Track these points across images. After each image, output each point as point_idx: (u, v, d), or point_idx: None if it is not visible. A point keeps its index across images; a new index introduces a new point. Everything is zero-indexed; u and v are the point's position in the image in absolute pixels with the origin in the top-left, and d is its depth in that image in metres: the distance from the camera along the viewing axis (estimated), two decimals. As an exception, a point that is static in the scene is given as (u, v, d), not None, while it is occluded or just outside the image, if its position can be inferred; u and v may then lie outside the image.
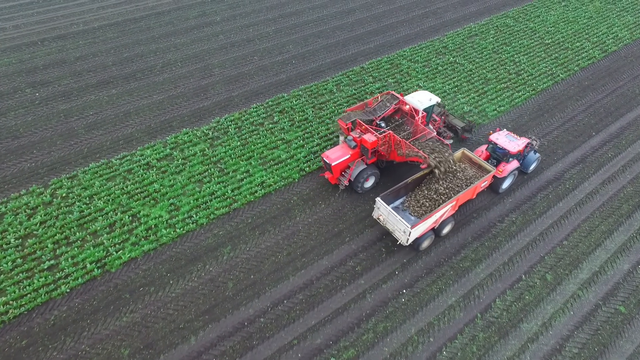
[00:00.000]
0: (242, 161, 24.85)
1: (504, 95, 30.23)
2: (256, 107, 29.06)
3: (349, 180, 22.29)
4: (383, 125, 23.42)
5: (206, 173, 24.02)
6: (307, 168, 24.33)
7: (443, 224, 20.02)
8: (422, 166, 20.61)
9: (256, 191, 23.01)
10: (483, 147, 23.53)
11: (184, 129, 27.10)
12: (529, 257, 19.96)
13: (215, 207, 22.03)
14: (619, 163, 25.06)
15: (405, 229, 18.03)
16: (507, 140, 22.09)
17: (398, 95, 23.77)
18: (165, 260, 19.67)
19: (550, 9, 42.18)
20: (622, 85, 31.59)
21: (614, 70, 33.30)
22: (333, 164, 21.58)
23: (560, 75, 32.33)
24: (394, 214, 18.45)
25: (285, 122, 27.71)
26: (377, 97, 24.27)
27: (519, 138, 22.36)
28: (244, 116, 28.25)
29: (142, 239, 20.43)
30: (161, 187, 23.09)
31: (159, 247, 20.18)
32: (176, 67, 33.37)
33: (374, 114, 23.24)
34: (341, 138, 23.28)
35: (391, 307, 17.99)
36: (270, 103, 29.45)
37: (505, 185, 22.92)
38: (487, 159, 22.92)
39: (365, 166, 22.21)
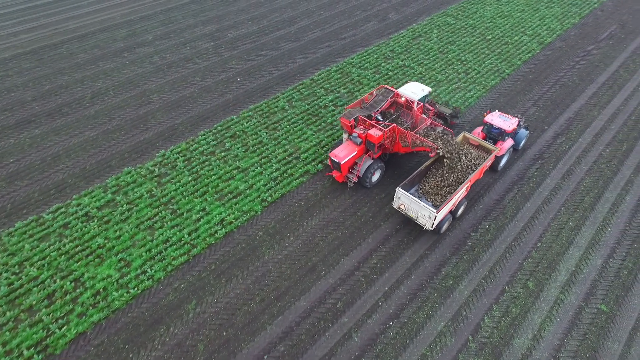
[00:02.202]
0: (196, 198, 22.58)
1: (456, 96, 30.15)
2: (204, 134, 26.76)
3: (358, 177, 22.48)
4: (381, 119, 23.88)
5: (157, 217, 21.51)
6: (269, 197, 22.56)
7: (459, 206, 20.94)
8: (431, 154, 21.27)
9: (216, 231, 20.90)
10: (479, 129, 24.73)
11: (126, 168, 24.26)
12: (509, 266, 19.59)
13: (172, 257, 19.67)
14: (573, 155, 25.61)
15: (431, 214, 18.77)
16: (502, 120, 23.57)
17: (392, 89, 24.29)
18: (120, 330, 17.10)
19: (485, 4, 43.21)
20: (563, 76, 32.69)
21: (552, 61, 34.45)
22: (342, 162, 21.72)
23: (506, 70, 32.88)
24: (417, 201, 19.10)
25: (238, 148, 25.69)
26: (372, 93, 24.62)
27: (511, 117, 23.89)
28: (191, 146, 25.86)
29: (90, 308, 17.68)
30: (106, 241, 20.31)
31: (112, 315, 17.54)
32: (108, 97, 30.15)
33: (372, 109, 23.58)
34: (345, 136, 23.45)
35: (380, 344, 16.76)
36: (219, 128, 27.25)
37: (503, 162, 23.98)
38: (483, 139, 23.70)
39: (372, 161, 22.38)
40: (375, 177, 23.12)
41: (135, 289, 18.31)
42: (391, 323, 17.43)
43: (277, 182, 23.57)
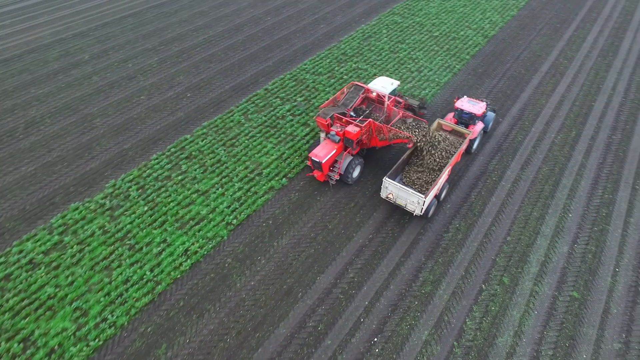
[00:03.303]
0: (155, 229, 20.99)
1: (412, 95, 30.24)
2: (157, 158, 25.05)
3: (340, 174, 22.71)
4: (355, 115, 24.05)
5: (113, 256, 19.74)
6: (235, 220, 21.40)
7: (442, 189, 21.95)
8: (409, 145, 21.93)
9: (181, 263, 19.49)
10: (450, 115, 25.94)
11: (72, 204, 22.18)
12: (483, 264, 19.70)
13: (134, 298, 18.07)
14: (529, 145, 26.40)
15: (419, 200, 19.66)
16: (471, 105, 24.79)
17: (363, 85, 24.78)
18: (83, 389, 15.43)
19: (429, 1, 43.99)
20: (509, 68, 33.80)
21: (498, 54, 35.55)
22: (324, 161, 21.73)
23: (457, 66, 33.50)
24: (405, 189, 19.93)
25: (195, 170, 24.25)
26: (344, 90, 24.85)
27: (479, 101, 25.18)
28: (144, 172, 24.11)
29: (45, 369, 15.82)
30: (57, 290, 18.34)
31: (71, 374, 15.79)
32: (45, 125, 27.58)
33: (345, 106, 23.78)
34: (322, 135, 23.55)
35: (367, 363, 16.21)
36: (172, 149, 25.63)
37: (475, 145, 25.19)
38: (455, 124, 24.16)
39: (352, 157, 22.67)
40: (356, 173, 23.32)
41: (96, 340, 16.61)
42: (375, 339, 16.94)
43: (241, 202, 22.44)
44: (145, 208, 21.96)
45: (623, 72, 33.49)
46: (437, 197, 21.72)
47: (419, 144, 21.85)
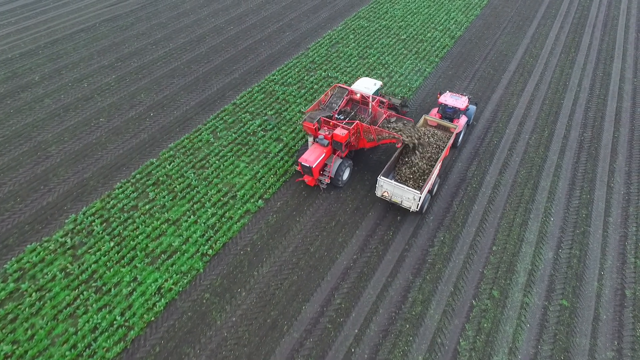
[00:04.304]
0: (124, 267, 19.37)
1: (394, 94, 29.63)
2: (121, 186, 23.31)
3: (330, 177, 22.65)
4: (342, 117, 24.13)
5: (78, 301, 18.02)
6: (210, 250, 20.05)
7: (434, 184, 22.34)
8: (398, 145, 22.30)
9: (154, 304, 18.01)
10: (434, 110, 26.20)
11: (29, 245, 20.20)
12: (471, 277, 19.24)
13: (104, 348, 16.48)
14: (505, 147, 26.30)
15: (415, 196, 19.98)
16: (454, 100, 25.23)
17: (346, 87, 24.72)
18: None
19: (394, 3, 43.69)
20: (479, 68, 33.82)
21: (466, 54, 35.56)
22: (314, 166, 21.57)
23: (427, 69, 33.21)
24: (400, 186, 20.22)
25: (164, 197, 22.69)
26: (327, 93, 24.78)
27: (461, 96, 25.70)
28: (108, 203, 22.34)
29: None
30: (15, 347, 16.49)
31: None
32: (-8, 158, 25.22)
33: (331, 109, 23.77)
34: (310, 140, 23.28)
35: (362, 398, 15.36)
36: (138, 176, 23.92)
37: (460, 138, 25.77)
38: (440, 119, 24.75)
39: (341, 160, 22.66)
40: (346, 175, 23.20)
41: (63, 402, 14.99)
42: (369, 370, 16.11)
43: (215, 229, 21.10)
44: (112, 244, 20.26)
45: (586, 68, 34.18)
46: (430, 192, 21.93)
47: (408, 142, 21.78)
